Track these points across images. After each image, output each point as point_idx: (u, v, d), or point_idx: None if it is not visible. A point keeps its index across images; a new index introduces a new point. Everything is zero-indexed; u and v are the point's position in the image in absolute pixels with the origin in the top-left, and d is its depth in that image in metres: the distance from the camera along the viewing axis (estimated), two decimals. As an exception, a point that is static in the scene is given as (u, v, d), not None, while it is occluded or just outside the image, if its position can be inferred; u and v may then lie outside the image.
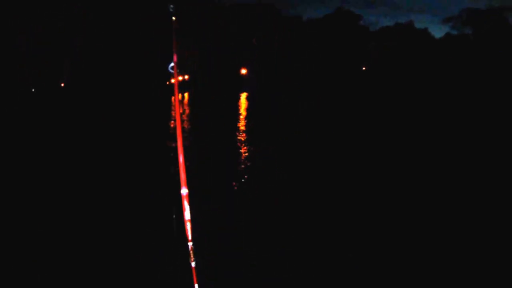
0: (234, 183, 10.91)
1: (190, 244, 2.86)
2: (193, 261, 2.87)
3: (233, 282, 5.61)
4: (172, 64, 3.17)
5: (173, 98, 48.74)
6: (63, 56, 50.81)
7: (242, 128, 21.99)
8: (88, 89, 48.36)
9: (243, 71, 74.99)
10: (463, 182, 10.44)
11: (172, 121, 25.22)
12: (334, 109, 32.32)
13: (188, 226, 2.87)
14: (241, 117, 27.92)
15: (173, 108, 37.23)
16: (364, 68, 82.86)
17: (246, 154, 14.87)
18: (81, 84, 50.00)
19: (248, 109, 34.46)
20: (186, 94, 56.20)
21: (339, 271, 5.95)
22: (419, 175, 11.22)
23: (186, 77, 68.07)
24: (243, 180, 11.19)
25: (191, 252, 2.86)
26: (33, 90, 46.66)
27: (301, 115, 28.16)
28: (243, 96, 50.93)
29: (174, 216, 2.97)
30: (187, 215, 2.88)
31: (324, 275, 5.86)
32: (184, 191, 2.88)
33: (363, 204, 8.83)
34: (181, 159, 2.91)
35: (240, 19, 74.90)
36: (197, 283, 2.93)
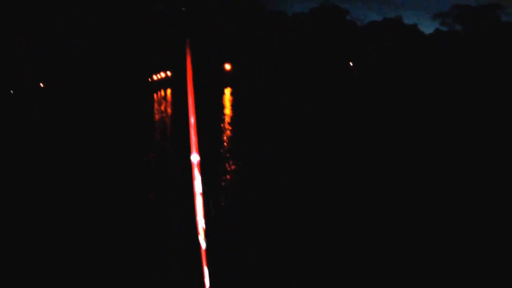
0: (233, 183, 10.92)
1: (201, 221, 2.46)
2: (205, 241, 2.48)
3: (233, 282, 5.62)
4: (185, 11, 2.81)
5: (155, 95, 49.30)
6: (62, 56, 50.83)
7: (233, 125, 21.99)
8: (68, 89, 48.20)
9: (227, 66, 74.74)
10: (460, 181, 10.44)
11: (157, 115, 26.21)
12: (321, 107, 32.30)
13: (200, 200, 2.48)
14: (228, 112, 28.10)
15: (156, 105, 37.88)
16: (352, 64, 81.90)
17: (244, 153, 14.86)
18: (61, 85, 49.77)
19: (233, 105, 34.75)
20: (168, 91, 56.27)
21: (339, 271, 5.95)
22: (419, 175, 11.22)
23: (169, 73, 67.83)
24: (242, 180, 11.18)
25: (202, 231, 2.46)
26: (11, 91, 46.40)
27: (289, 111, 28.25)
28: (228, 91, 51.15)
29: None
30: (198, 187, 2.46)
31: (324, 275, 5.87)
32: (196, 157, 2.45)
33: (363, 204, 8.83)
34: (192, 120, 2.50)
35: (225, 15, 74.83)
36: (207, 266, 2.56)
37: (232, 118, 26.38)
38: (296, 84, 58.59)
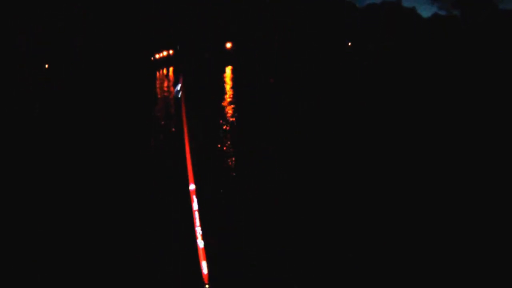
0: (233, 183, 10.90)
1: (198, 229, 3.28)
2: (202, 240, 3.23)
3: (233, 282, 5.61)
4: (178, 88, 3.79)
5: (157, 73, 50.25)
6: (63, 56, 50.85)
7: (232, 123, 21.94)
8: (68, 86, 48.36)
9: (228, 44, 75.00)
10: (462, 181, 10.42)
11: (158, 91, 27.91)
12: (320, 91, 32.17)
13: (196, 215, 3.32)
14: (230, 92, 28.75)
15: (158, 82, 38.53)
16: (350, 44, 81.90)
17: (244, 153, 14.84)
18: (61, 85, 49.93)
19: (233, 83, 35.40)
20: (170, 69, 56.73)
21: (339, 271, 5.95)
22: (420, 174, 11.20)
23: (171, 51, 68.46)
24: (242, 180, 11.17)
25: (199, 235, 3.24)
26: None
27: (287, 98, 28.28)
28: (229, 69, 51.49)
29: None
30: (195, 205, 3.32)
31: (324, 275, 5.86)
32: (192, 186, 3.36)
33: (363, 204, 8.83)
34: (188, 159, 3.41)
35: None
36: (206, 260, 3.27)
37: (232, 116, 26.31)
38: (296, 76, 58.51)
